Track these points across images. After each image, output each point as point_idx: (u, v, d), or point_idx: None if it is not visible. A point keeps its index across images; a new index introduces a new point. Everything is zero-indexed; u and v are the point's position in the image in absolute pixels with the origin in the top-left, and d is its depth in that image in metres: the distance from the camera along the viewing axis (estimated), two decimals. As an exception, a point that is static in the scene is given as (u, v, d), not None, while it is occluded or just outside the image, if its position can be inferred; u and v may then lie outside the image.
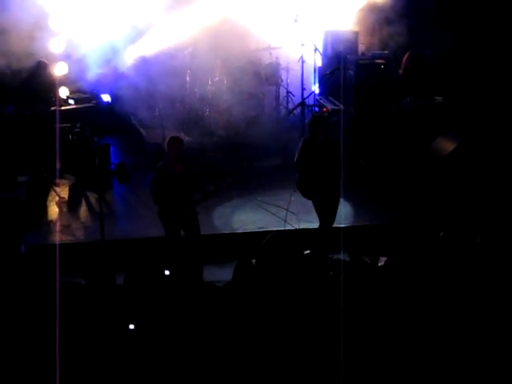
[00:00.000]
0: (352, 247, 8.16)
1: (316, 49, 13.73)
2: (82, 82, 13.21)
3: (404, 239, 9.20)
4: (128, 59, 13.82)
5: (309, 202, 9.70)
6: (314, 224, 9.76)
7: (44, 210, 11.08)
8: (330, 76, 13.30)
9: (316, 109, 13.72)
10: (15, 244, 9.33)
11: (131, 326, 6.07)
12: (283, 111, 14.22)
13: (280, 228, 10.02)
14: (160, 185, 8.97)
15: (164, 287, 6.56)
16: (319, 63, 13.97)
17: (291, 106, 14.14)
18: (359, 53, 13.64)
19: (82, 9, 13.31)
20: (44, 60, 12.30)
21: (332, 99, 13.37)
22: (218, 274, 8.89)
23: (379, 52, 13.19)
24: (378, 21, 13.62)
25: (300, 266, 7.06)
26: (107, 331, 6.11)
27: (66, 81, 12.90)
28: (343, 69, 12.88)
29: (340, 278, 6.25)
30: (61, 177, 11.72)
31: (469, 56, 12.86)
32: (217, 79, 13.48)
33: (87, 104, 12.67)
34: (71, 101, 12.69)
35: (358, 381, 5.96)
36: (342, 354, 5.79)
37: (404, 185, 11.22)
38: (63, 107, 12.25)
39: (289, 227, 10.08)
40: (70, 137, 12.20)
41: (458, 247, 7.21)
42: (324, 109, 13.11)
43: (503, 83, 12.52)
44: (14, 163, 11.52)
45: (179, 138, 9.36)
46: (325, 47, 14.09)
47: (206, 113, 13.41)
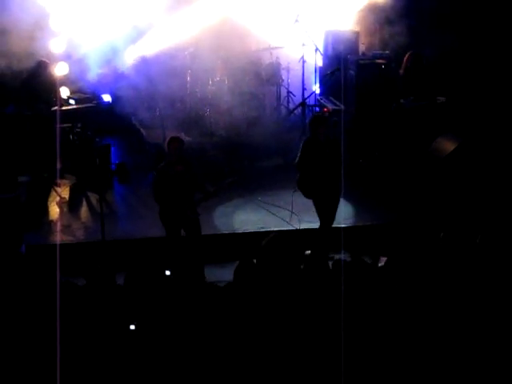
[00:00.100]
0: (352, 247, 8.17)
1: (317, 49, 13.73)
2: (83, 82, 13.19)
3: (404, 239, 9.20)
4: (128, 59, 13.81)
5: (309, 203, 9.70)
6: (315, 224, 9.75)
7: (44, 210, 11.08)
8: (331, 76, 13.30)
9: (317, 109, 13.71)
10: (15, 244, 9.33)
11: (132, 327, 6.08)
12: (284, 111, 14.21)
13: (280, 228, 10.02)
14: (161, 185, 8.96)
15: (165, 287, 6.56)
16: (320, 63, 13.97)
17: (292, 106, 14.12)
18: (360, 53, 13.62)
19: (83, 9, 13.29)
20: (44, 59, 12.28)
21: (333, 99, 13.36)
22: (219, 274, 8.90)
23: (380, 52, 13.17)
24: (379, 21, 13.62)
25: (301, 266, 7.07)
26: (108, 331, 6.11)
27: (67, 81, 12.88)
28: (344, 69, 12.88)
29: (341, 278, 6.25)
30: (61, 177, 11.72)
31: (469, 56, 12.86)
32: (217, 79, 13.46)
33: (88, 104, 12.65)
34: (72, 101, 12.67)
35: (359, 380, 5.96)
36: (343, 354, 5.80)
37: (404, 185, 11.22)
38: (64, 107, 12.23)
39: (289, 227, 10.08)
40: (71, 137, 12.19)
41: (458, 247, 7.21)
42: (325, 109, 13.10)
43: (503, 83, 12.52)
44: (15, 163, 11.50)
45: (179, 139, 9.35)
46: (325, 47, 14.09)
47: (207, 113, 13.39)
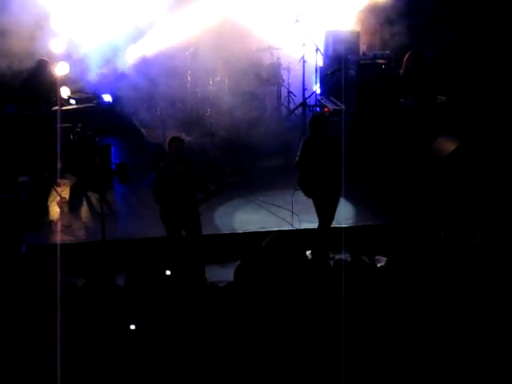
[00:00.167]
0: (353, 247, 8.15)
1: (317, 49, 13.73)
2: (83, 82, 13.20)
3: (405, 239, 9.19)
4: (129, 59, 13.81)
5: (310, 203, 9.69)
6: (315, 224, 9.74)
7: (45, 210, 11.08)
8: (332, 76, 13.29)
9: (317, 109, 13.71)
10: (16, 244, 9.33)
11: (132, 327, 6.07)
12: (284, 111, 14.20)
13: (281, 228, 10.02)
14: (161, 185, 8.96)
15: (165, 287, 6.56)
16: (320, 63, 13.97)
17: (292, 106, 14.12)
18: (360, 53, 13.62)
19: (83, 9, 13.28)
20: (44, 58, 12.27)
21: (333, 99, 13.35)
22: (220, 274, 8.90)
23: (380, 52, 13.16)
24: (379, 21, 13.61)
25: (301, 266, 7.07)
26: (108, 332, 6.11)
27: (67, 81, 12.88)
28: (344, 69, 12.87)
29: (341, 278, 6.25)
30: (62, 177, 11.71)
31: (470, 56, 12.85)
32: (218, 79, 13.46)
33: (88, 104, 12.65)
34: (72, 101, 12.67)
35: (359, 380, 5.96)
36: (344, 354, 5.79)
37: (405, 185, 11.21)
38: (64, 107, 12.23)
39: (290, 227, 10.08)
40: (71, 137, 12.18)
41: (459, 247, 7.21)
42: (325, 109, 13.10)
43: (504, 83, 12.50)
44: (15, 163, 11.50)
45: (180, 139, 9.35)
46: (326, 47, 14.08)
47: (207, 113, 13.39)
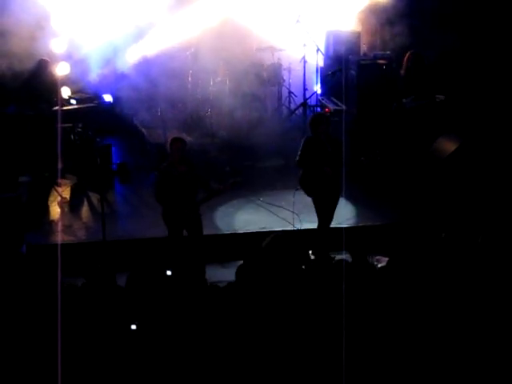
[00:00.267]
0: (354, 247, 8.15)
1: (318, 49, 13.73)
2: (84, 82, 13.20)
3: (406, 239, 9.18)
4: (129, 59, 13.81)
5: (311, 203, 9.69)
6: (316, 224, 9.74)
7: (46, 210, 11.07)
8: (332, 76, 13.28)
9: (318, 109, 13.71)
10: (16, 244, 9.33)
11: (133, 327, 6.07)
12: (285, 112, 14.20)
13: (281, 228, 10.01)
14: (163, 185, 8.95)
15: (166, 288, 6.55)
16: (321, 63, 13.97)
17: (293, 107, 14.12)
18: (361, 53, 13.62)
19: (84, 9, 13.29)
20: (45, 58, 12.27)
21: (334, 99, 13.35)
22: (220, 274, 8.90)
23: (381, 52, 13.16)
24: (380, 21, 13.60)
25: (301, 266, 7.06)
26: (109, 332, 6.11)
27: (68, 81, 12.87)
28: (345, 69, 12.87)
29: (342, 279, 6.24)
30: (62, 177, 11.72)
31: (470, 56, 12.84)
32: (219, 80, 13.46)
33: (89, 104, 12.64)
34: (73, 101, 12.66)
35: (360, 380, 5.95)
36: (344, 355, 5.79)
37: (406, 185, 11.21)
38: (65, 107, 12.24)
39: (290, 227, 10.07)
40: (72, 137, 12.18)
41: (460, 247, 7.21)
42: (326, 109, 13.09)
43: (505, 83, 12.50)
44: (16, 163, 11.52)
45: (182, 139, 9.34)
46: (327, 48, 14.08)
47: (208, 113, 13.39)
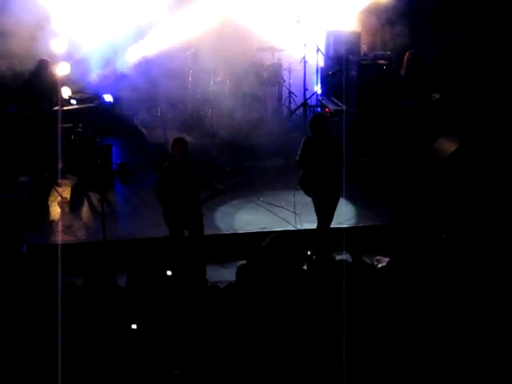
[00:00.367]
0: (354, 248, 8.14)
1: (318, 49, 13.73)
2: (84, 83, 13.20)
3: (406, 240, 9.18)
4: (130, 60, 13.82)
5: (311, 203, 9.68)
6: (315, 224, 9.74)
7: (46, 210, 11.06)
8: (333, 77, 13.28)
9: (318, 109, 13.71)
10: (17, 244, 9.33)
11: (134, 326, 6.07)
12: (285, 112, 14.20)
13: (282, 228, 10.01)
14: (164, 185, 8.95)
15: (166, 288, 6.56)
16: (321, 64, 13.98)
17: (293, 107, 14.12)
18: (361, 53, 13.63)
19: (84, 9, 13.29)
20: (45, 58, 12.26)
21: (334, 100, 13.35)
22: (220, 275, 8.91)
23: (381, 53, 13.17)
24: (380, 21, 13.61)
25: (301, 267, 7.07)
26: (109, 332, 6.11)
27: (68, 81, 12.87)
28: (345, 69, 12.88)
29: (342, 279, 6.24)
30: (63, 177, 11.71)
31: (471, 56, 12.84)
32: (219, 80, 13.46)
33: (89, 104, 12.64)
34: (73, 101, 12.66)
35: (360, 380, 5.95)
36: (345, 355, 5.78)
37: (406, 185, 11.20)
38: (65, 107, 12.24)
39: (291, 227, 10.07)
40: (72, 137, 12.17)
41: (461, 247, 7.20)
42: (326, 109, 13.10)
43: (505, 84, 12.50)
44: (16, 163, 11.51)
45: (184, 140, 9.34)
46: (327, 48, 14.09)
47: (208, 113, 13.39)
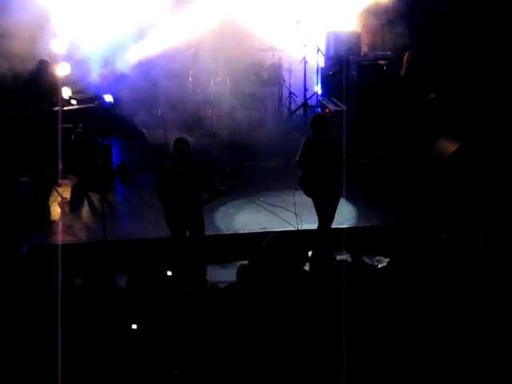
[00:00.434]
0: (354, 248, 8.14)
1: (318, 50, 13.73)
2: (85, 83, 13.21)
3: (406, 240, 9.18)
4: (130, 60, 13.82)
5: (311, 203, 9.68)
6: (316, 224, 9.74)
7: (46, 211, 11.06)
8: (333, 77, 13.28)
9: (318, 110, 13.71)
10: (17, 244, 9.33)
11: (134, 326, 6.07)
12: (286, 112, 14.21)
13: (282, 229, 10.01)
14: (165, 185, 8.95)
15: (166, 288, 6.55)
16: (322, 64, 13.98)
17: (294, 107, 14.13)
18: (361, 54, 13.63)
19: (84, 9, 13.30)
20: (45, 58, 12.27)
21: (334, 100, 13.35)
22: (221, 275, 8.90)
23: (381, 53, 13.16)
24: (380, 22, 13.60)
25: (301, 267, 7.06)
26: (109, 332, 6.10)
27: (69, 81, 12.89)
28: (345, 70, 12.87)
29: (342, 279, 6.24)
30: (63, 177, 11.73)
31: (471, 56, 12.83)
32: (219, 80, 13.47)
33: (89, 104, 12.66)
34: (73, 101, 12.68)
35: (360, 380, 5.95)
36: (345, 355, 5.78)
37: (406, 186, 11.20)
38: (66, 107, 12.25)
39: (291, 228, 10.07)
40: (72, 137, 12.19)
41: (461, 248, 7.20)
42: (326, 109, 13.09)
43: (505, 84, 12.49)
44: (16, 163, 11.52)
45: (185, 140, 9.33)
46: (327, 48, 14.09)
47: (208, 114, 13.40)
